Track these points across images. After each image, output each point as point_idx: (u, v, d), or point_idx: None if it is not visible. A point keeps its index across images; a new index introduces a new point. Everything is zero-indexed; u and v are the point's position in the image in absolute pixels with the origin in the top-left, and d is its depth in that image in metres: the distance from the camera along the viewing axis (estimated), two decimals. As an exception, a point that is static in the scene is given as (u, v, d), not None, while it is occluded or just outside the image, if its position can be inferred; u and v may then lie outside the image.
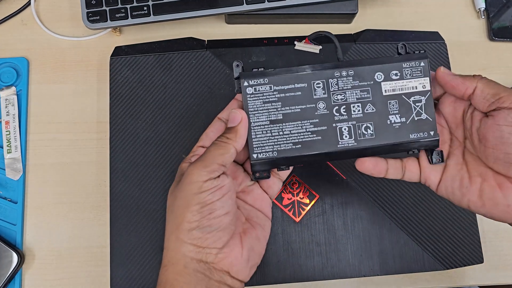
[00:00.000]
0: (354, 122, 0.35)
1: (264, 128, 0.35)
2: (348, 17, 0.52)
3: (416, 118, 0.35)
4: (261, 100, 0.35)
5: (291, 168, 0.37)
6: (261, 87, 0.35)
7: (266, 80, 0.35)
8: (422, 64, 0.35)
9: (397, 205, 0.45)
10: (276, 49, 0.49)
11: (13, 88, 0.48)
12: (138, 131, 0.46)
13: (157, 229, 0.44)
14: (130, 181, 0.45)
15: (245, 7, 0.48)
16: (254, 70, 0.35)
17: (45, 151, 0.47)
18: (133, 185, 0.45)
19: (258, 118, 0.35)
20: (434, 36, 0.51)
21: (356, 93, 0.35)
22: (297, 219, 0.45)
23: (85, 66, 0.50)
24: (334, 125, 0.35)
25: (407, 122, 0.35)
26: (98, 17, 0.48)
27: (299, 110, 0.35)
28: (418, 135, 0.35)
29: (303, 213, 0.45)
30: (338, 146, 0.35)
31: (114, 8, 0.48)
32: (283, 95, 0.35)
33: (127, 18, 0.48)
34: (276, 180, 0.38)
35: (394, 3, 0.54)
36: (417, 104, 0.35)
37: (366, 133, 0.35)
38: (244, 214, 0.36)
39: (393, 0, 0.54)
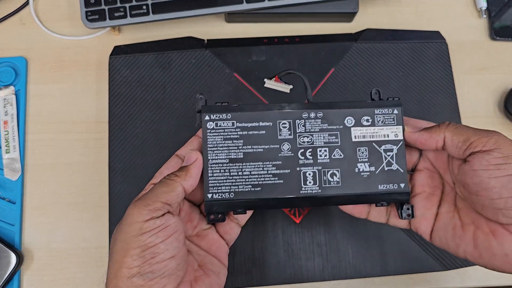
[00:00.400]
0: (320, 168, 0.33)
1: (223, 166, 0.32)
2: (348, 16, 0.51)
3: (386, 168, 0.33)
4: (222, 137, 0.33)
5: (249, 212, 0.35)
6: (223, 123, 0.33)
7: (229, 116, 0.33)
8: (395, 111, 0.34)
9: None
10: (276, 49, 0.49)
11: (12, 87, 0.48)
12: (137, 131, 0.46)
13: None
14: (129, 181, 0.45)
15: (245, 6, 0.48)
16: (218, 104, 0.34)
17: (43, 151, 0.47)
18: (132, 185, 0.45)
19: (216, 156, 0.33)
20: (435, 36, 0.51)
21: (324, 137, 0.33)
22: (298, 220, 0.44)
23: (84, 65, 0.50)
24: (298, 169, 0.33)
25: (376, 172, 0.33)
26: (97, 16, 0.48)
27: (261, 150, 0.33)
28: (388, 186, 0.33)
29: (304, 214, 0.45)
30: (301, 192, 0.32)
31: (113, 7, 0.47)
32: (246, 132, 0.33)
33: (126, 17, 0.48)
34: (234, 225, 0.35)
35: (395, 2, 0.54)
36: (388, 153, 0.33)
37: (332, 180, 0.33)
38: (197, 260, 0.33)
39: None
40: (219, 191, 0.32)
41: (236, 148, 0.33)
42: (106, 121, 0.47)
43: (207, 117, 0.33)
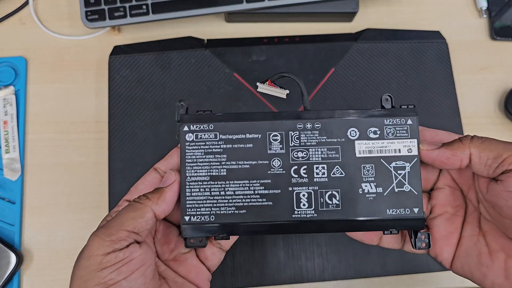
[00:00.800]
0: (316, 188, 0.28)
1: (203, 185, 0.28)
2: (348, 16, 0.51)
3: (396, 190, 0.28)
4: (203, 150, 0.29)
5: (234, 238, 0.31)
6: (204, 134, 0.29)
7: (211, 126, 0.29)
8: (409, 122, 0.29)
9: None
10: (276, 48, 0.49)
11: (12, 87, 0.48)
12: (137, 131, 0.46)
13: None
14: (129, 181, 0.45)
15: (245, 6, 0.48)
16: (199, 112, 0.29)
17: (43, 151, 0.47)
18: (132, 185, 0.45)
19: (196, 172, 0.29)
20: (435, 36, 0.51)
21: (322, 152, 0.29)
22: None
23: (84, 65, 0.50)
24: (290, 189, 0.28)
25: (385, 194, 0.28)
26: (97, 16, 0.47)
27: (248, 166, 0.28)
28: (398, 211, 0.28)
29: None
30: (293, 216, 0.28)
31: (113, 7, 0.47)
32: (231, 146, 0.29)
33: (126, 17, 0.48)
34: (217, 250, 0.31)
35: (395, 2, 0.54)
36: (399, 171, 0.28)
37: (330, 202, 0.28)
38: None
39: (394, -1, 0.54)
40: (197, 213, 0.28)
41: (219, 163, 0.29)
42: (106, 121, 0.47)
43: (186, 128, 0.29)
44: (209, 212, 0.28)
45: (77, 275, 0.24)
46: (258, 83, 0.32)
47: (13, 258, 0.43)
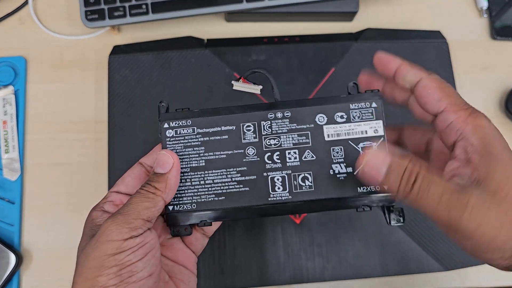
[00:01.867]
0: (289, 172, 0.30)
1: (183, 176, 0.30)
2: (349, 16, 0.51)
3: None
4: (182, 144, 0.31)
5: (216, 224, 0.33)
6: (183, 130, 0.31)
7: (189, 122, 0.31)
8: (374, 105, 0.30)
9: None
10: (276, 48, 0.49)
11: (11, 87, 0.48)
12: (136, 131, 0.46)
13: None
14: None
15: (245, 5, 0.48)
16: (178, 110, 0.32)
17: (43, 151, 0.47)
18: None
19: None
20: (436, 35, 0.51)
21: (293, 138, 0.30)
22: (298, 220, 0.44)
23: (84, 65, 0.50)
24: (265, 174, 0.30)
25: (355, 173, 0.29)
26: (96, 16, 0.47)
27: (224, 156, 0.30)
28: (369, 189, 0.29)
29: (304, 214, 0.45)
30: (269, 199, 0.30)
31: (112, 6, 0.47)
32: (207, 138, 0.31)
33: (126, 17, 0.47)
34: (200, 236, 0.33)
35: (395, 2, 0.53)
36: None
37: (303, 184, 0.30)
38: (165, 270, 0.31)
39: (394, -1, 0.54)
40: (180, 202, 0.30)
41: (197, 155, 0.31)
42: (106, 121, 0.47)
43: (166, 125, 0.31)
44: (190, 201, 0.30)
45: (92, 256, 0.26)
46: (232, 81, 0.34)
47: (12, 258, 0.43)
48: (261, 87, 0.34)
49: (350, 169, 0.30)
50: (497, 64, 0.52)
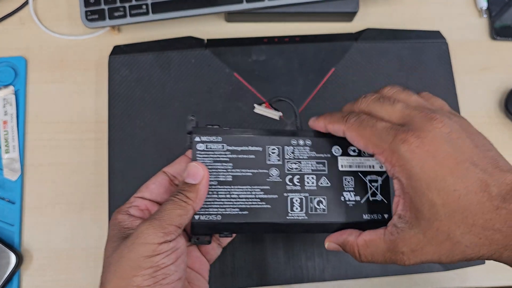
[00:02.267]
0: (307, 195, 0.33)
1: (211, 188, 0.32)
2: (349, 16, 0.51)
3: (371, 199, 0.33)
4: (212, 159, 0.32)
5: (234, 235, 0.35)
6: (213, 145, 0.33)
7: (219, 138, 0.33)
8: None
9: None
10: (276, 48, 0.49)
11: (11, 87, 0.48)
12: (137, 130, 0.46)
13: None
14: (129, 181, 0.45)
15: (245, 6, 0.48)
16: (209, 126, 0.33)
17: (43, 151, 0.47)
18: (132, 185, 0.44)
19: None
20: (435, 35, 0.51)
21: (311, 164, 0.33)
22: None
23: (84, 65, 0.50)
24: (285, 194, 0.32)
25: (362, 202, 0.33)
26: (96, 16, 0.47)
27: (250, 174, 0.32)
28: (372, 216, 0.33)
29: None
30: (287, 217, 0.32)
31: (112, 7, 0.47)
32: (236, 156, 0.33)
33: (126, 17, 0.47)
34: (216, 246, 0.35)
35: (395, 2, 0.53)
36: (373, 183, 0.34)
37: (318, 207, 0.33)
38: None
39: (394, -1, 0.54)
40: (206, 212, 0.32)
41: (225, 170, 0.32)
42: (105, 121, 0.47)
43: (197, 139, 0.33)
44: (216, 212, 0.32)
45: (128, 257, 0.28)
46: (255, 104, 0.37)
47: (12, 258, 0.43)
48: (281, 113, 0.37)
49: (358, 198, 0.33)
50: (497, 64, 0.52)
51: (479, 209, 0.26)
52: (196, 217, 0.32)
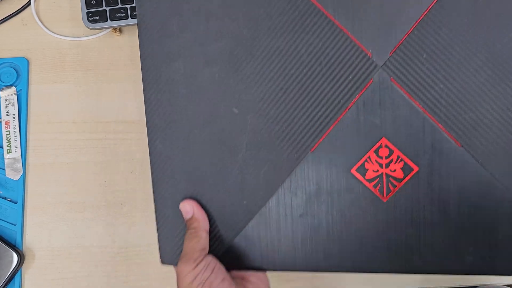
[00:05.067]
0: None
1: None
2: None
3: None
4: None
5: None
6: None
7: None
8: None
9: None
10: None
11: (13, 88, 0.48)
12: (176, 76, 0.37)
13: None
14: (171, 142, 0.37)
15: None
16: None
17: (45, 151, 0.47)
18: (175, 147, 0.37)
19: None
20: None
21: None
22: (385, 198, 0.36)
23: (85, 66, 0.50)
24: None
25: None
26: (98, 17, 0.48)
27: None
28: None
29: (394, 190, 0.36)
30: None
31: (114, 8, 0.48)
32: None
33: (127, 18, 0.48)
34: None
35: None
36: None
37: None
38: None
39: None
40: None
41: None
42: (107, 121, 0.48)
43: None
44: None
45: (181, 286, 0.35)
46: None
47: (14, 258, 0.43)
48: None
49: None
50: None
51: None
52: None
